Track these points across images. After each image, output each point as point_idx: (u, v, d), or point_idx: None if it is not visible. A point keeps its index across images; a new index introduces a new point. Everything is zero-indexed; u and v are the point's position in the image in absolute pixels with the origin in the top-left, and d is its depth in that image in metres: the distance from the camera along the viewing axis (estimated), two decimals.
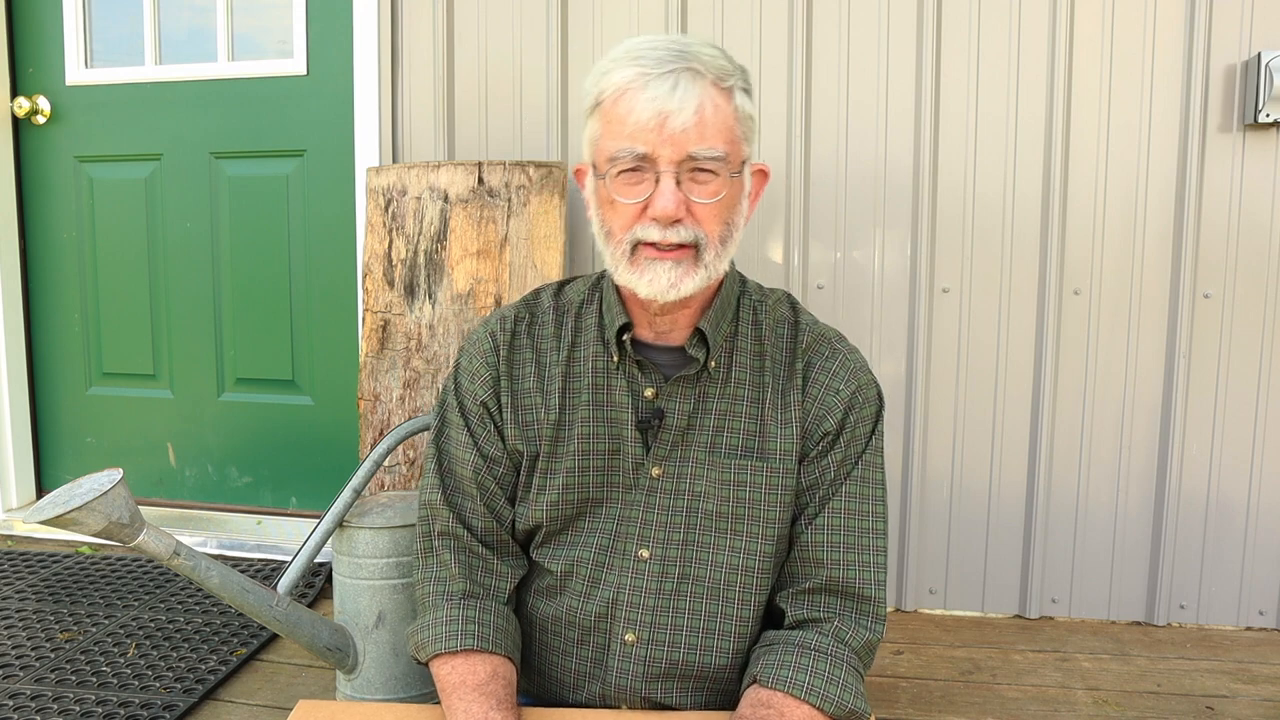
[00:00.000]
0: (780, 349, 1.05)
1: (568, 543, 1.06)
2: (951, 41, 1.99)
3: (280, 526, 2.51)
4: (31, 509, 1.13)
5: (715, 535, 1.03)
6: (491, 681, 0.98)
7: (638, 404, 1.03)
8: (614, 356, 1.03)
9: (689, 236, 0.93)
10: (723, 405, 1.03)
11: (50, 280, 2.66)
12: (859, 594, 1.00)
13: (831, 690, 0.94)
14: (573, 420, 1.04)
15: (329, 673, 1.75)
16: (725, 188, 0.93)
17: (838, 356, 1.05)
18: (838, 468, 1.03)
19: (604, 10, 2.11)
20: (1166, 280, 1.97)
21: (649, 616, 1.03)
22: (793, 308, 1.10)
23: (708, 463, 1.02)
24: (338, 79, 2.35)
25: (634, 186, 0.93)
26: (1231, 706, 1.66)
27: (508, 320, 1.09)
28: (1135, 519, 2.03)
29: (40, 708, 1.57)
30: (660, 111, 0.89)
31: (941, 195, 2.02)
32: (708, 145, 0.91)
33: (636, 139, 0.90)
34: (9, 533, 2.54)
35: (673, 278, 0.94)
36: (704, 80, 0.91)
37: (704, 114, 0.90)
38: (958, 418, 2.06)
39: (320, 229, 2.44)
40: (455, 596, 1.04)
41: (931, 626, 2.03)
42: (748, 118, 0.96)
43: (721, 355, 1.03)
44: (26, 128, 2.60)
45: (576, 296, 1.10)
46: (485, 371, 1.07)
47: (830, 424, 1.03)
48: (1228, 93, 1.91)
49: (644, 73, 0.90)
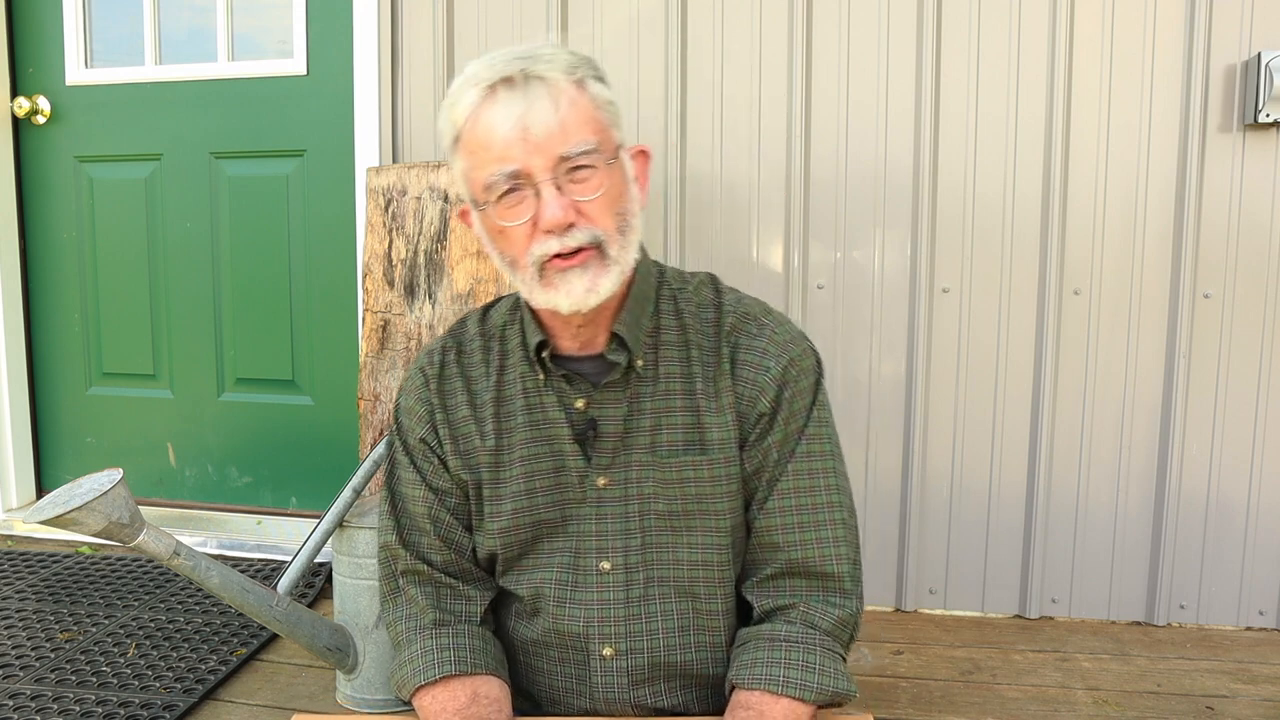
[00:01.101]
0: (705, 335, 1.02)
1: (530, 566, 1.05)
2: (951, 41, 1.99)
3: (280, 526, 2.51)
4: (31, 509, 1.13)
5: (670, 535, 1.01)
6: (473, 704, 0.97)
7: (571, 417, 1.01)
8: (541, 374, 1.02)
9: (588, 237, 0.91)
10: (656, 404, 1.00)
11: (50, 280, 2.66)
12: (820, 572, 0.99)
13: (809, 678, 0.93)
14: (511, 444, 1.03)
15: (329, 673, 1.75)
16: (606, 178, 0.91)
17: (764, 333, 1.01)
18: (779, 448, 1.00)
19: (604, 10, 2.11)
20: (1166, 280, 1.97)
21: (622, 627, 1.02)
22: (715, 289, 1.07)
23: (650, 464, 1.00)
24: (338, 79, 2.35)
25: (517, 207, 0.90)
26: (1231, 706, 1.66)
27: (435, 354, 1.09)
28: (1135, 519, 2.03)
29: (40, 708, 1.57)
30: (517, 122, 0.87)
31: (941, 195, 2.02)
32: (576, 141, 0.88)
33: (505, 159, 0.88)
34: (9, 533, 2.54)
35: (586, 282, 0.91)
36: (552, 79, 0.89)
37: (562, 111, 0.88)
38: (958, 418, 2.06)
39: (320, 229, 2.44)
40: (427, 628, 1.03)
41: (931, 626, 2.03)
42: (608, 103, 0.93)
43: (647, 352, 1.01)
44: (26, 128, 2.60)
45: (500, 319, 1.09)
46: (420, 408, 1.07)
47: (764, 404, 0.99)
48: (1228, 93, 1.91)
49: (489, 90, 0.88)
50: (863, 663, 1.84)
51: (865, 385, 2.08)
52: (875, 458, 2.09)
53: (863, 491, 2.10)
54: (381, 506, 1.09)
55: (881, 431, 2.08)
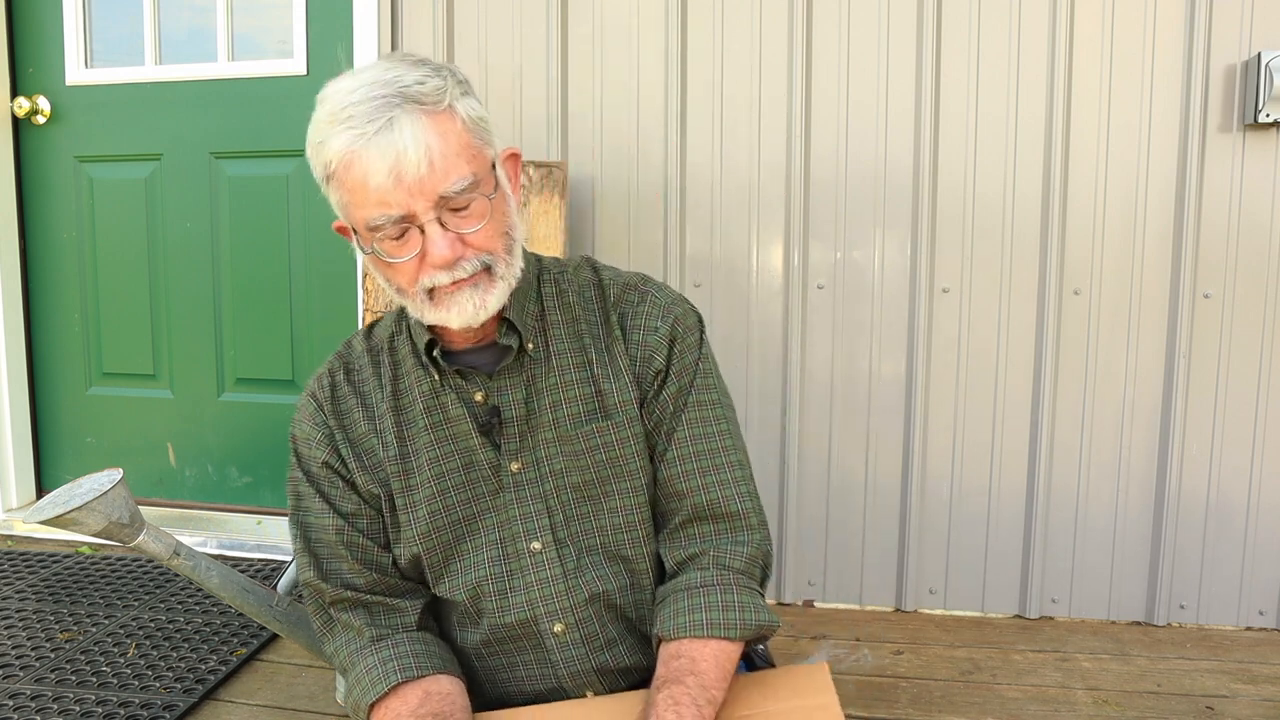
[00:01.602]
0: (591, 311, 1.06)
1: (460, 569, 1.05)
2: (951, 41, 1.99)
3: (280, 526, 2.51)
4: (31, 509, 1.13)
5: (590, 504, 1.04)
6: (425, 703, 0.97)
7: (473, 411, 1.03)
8: (435, 375, 1.03)
9: (476, 265, 0.93)
10: (552, 381, 1.03)
11: (50, 280, 2.66)
12: (725, 512, 1.02)
13: (730, 616, 0.95)
14: (417, 449, 1.04)
15: (329, 673, 1.75)
16: (488, 207, 0.92)
17: (647, 299, 1.06)
18: (675, 400, 1.04)
19: (604, 10, 2.11)
20: (1166, 280, 1.97)
21: (566, 601, 1.04)
22: (594, 269, 1.11)
23: (557, 439, 1.03)
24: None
25: (403, 245, 0.91)
26: (1231, 706, 1.66)
27: (324, 377, 1.09)
28: (1135, 519, 2.03)
29: (40, 708, 1.57)
30: (394, 169, 0.86)
31: (941, 195, 2.02)
32: (455, 179, 0.88)
33: (386, 204, 0.88)
34: (9, 533, 2.54)
35: (476, 301, 0.93)
36: (419, 114, 0.87)
37: (435, 150, 0.87)
38: (958, 418, 2.06)
39: (320, 229, 2.44)
40: (367, 646, 1.03)
41: (931, 626, 2.03)
42: (478, 121, 0.93)
43: (535, 336, 1.04)
44: (26, 128, 2.60)
45: (385, 332, 1.10)
46: (317, 432, 1.06)
47: (659, 362, 1.03)
48: (1228, 93, 1.91)
49: (358, 134, 0.87)
50: (863, 663, 1.84)
51: (865, 385, 2.08)
52: (875, 458, 2.09)
53: (863, 491, 2.10)
54: (295, 545, 1.08)
55: (881, 431, 2.08)
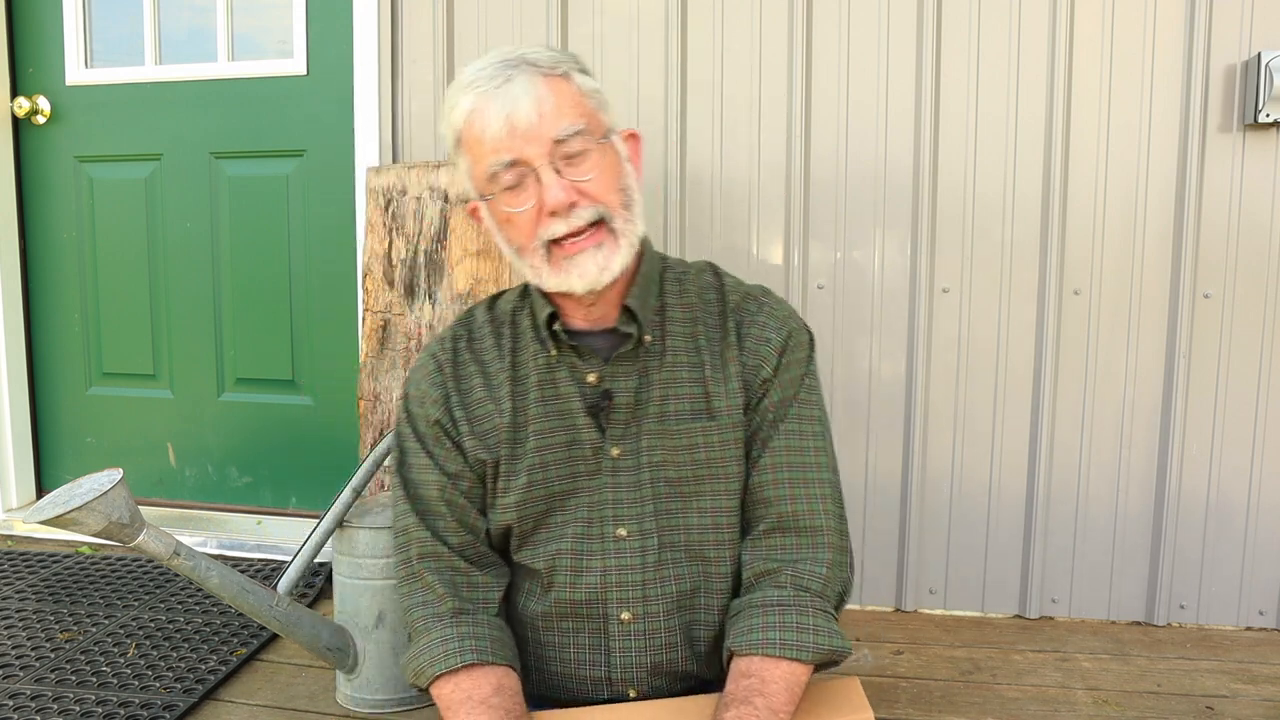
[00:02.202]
0: (710, 313, 1.09)
1: (544, 539, 1.08)
2: (951, 41, 1.99)
3: (280, 526, 2.51)
4: (31, 509, 1.13)
5: (681, 501, 1.06)
6: (496, 695, 0.98)
7: (584, 391, 1.06)
8: (552, 350, 1.06)
9: (592, 214, 0.97)
10: (664, 375, 1.06)
11: (50, 280, 2.66)
12: (809, 526, 1.03)
13: (804, 639, 0.96)
14: (526, 420, 1.07)
15: (329, 673, 1.75)
16: (601, 158, 0.97)
17: (764, 309, 1.09)
18: (775, 409, 1.06)
19: (604, 10, 2.11)
20: (1166, 280, 1.97)
21: (639, 591, 1.05)
22: (716, 274, 1.13)
23: (660, 432, 1.05)
24: (338, 79, 2.35)
25: (520, 194, 0.96)
26: (1231, 706, 1.66)
27: (446, 340, 1.13)
28: (1135, 519, 2.03)
29: (40, 708, 1.57)
30: (508, 117, 0.94)
31: (941, 195, 2.02)
32: (564, 124, 0.95)
33: (501, 150, 0.95)
34: (9, 533, 2.54)
35: (599, 261, 0.97)
36: (536, 74, 0.96)
37: (546, 101, 0.95)
38: (958, 418, 2.06)
39: (320, 229, 2.44)
40: (446, 616, 1.04)
41: (931, 626, 2.03)
42: (594, 91, 1.00)
43: (654, 329, 1.07)
44: (26, 128, 2.60)
45: (508, 305, 1.13)
46: (434, 392, 1.09)
47: (767, 371, 1.06)
48: (1228, 93, 1.91)
49: (481, 92, 0.95)
50: (863, 663, 1.84)
51: (865, 385, 2.08)
52: (875, 458, 2.09)
53: (863, 491, 2.10)
54: (394, 494, 1.11)
55: (881, 431, 2.08)
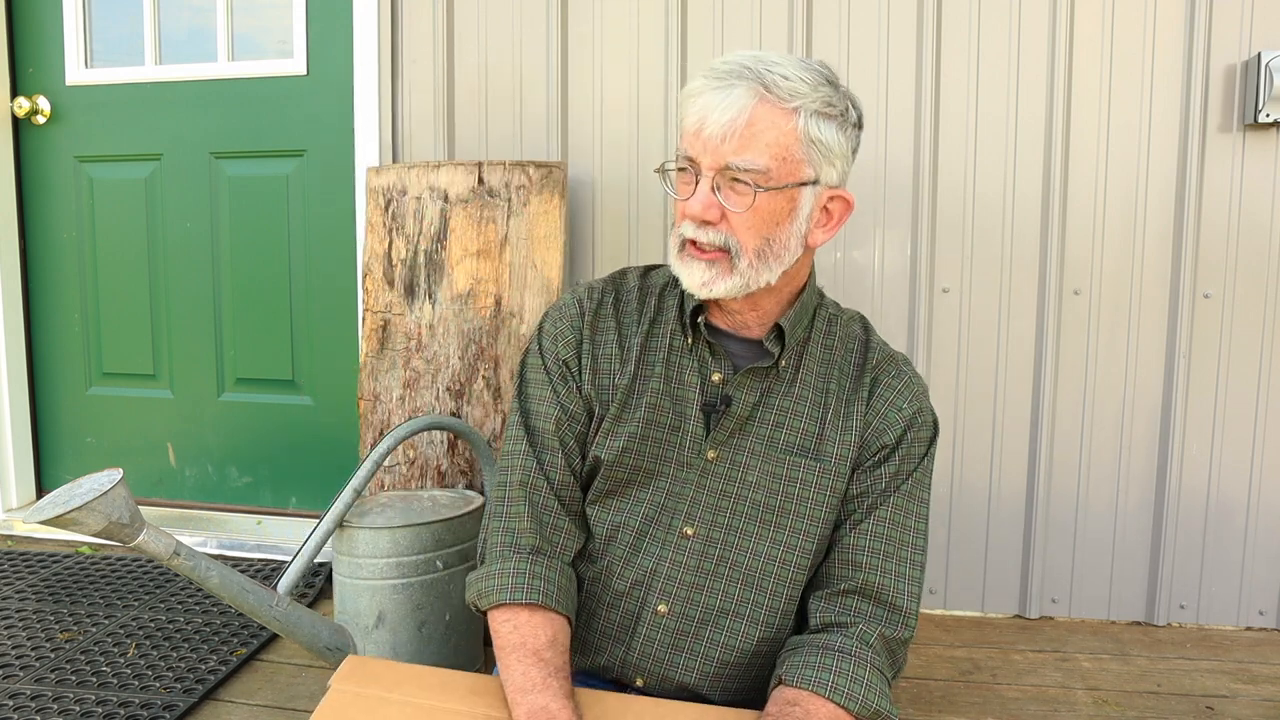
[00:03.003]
0: (849, 362, 1.09)
1: (614, 507, 1.09)
2: (951, 41, 1.99)
3: (280, 526, 2.51)
4: (31, 509, 1.13)
5: (759, 525, 1.05)
6: (551, 648, 0.99)
7: (705, 387, 1.07)
8: (688, 338, 1.07)
9: (719, 240, 0.98)
10: (786, 403, 1.06)
11: (50, 280, 2.66)
12: (891, 602, 1.01)
13: (856, 689, 0.95)
14: (643, 390, 1.08)
15: (329, 673, 1.75)
16: (764, 202, 0.96)
17: (903, 377, 1.09)
18: (890, 480, 1.05)
19: (604, 10, 2.11)
20: (1166, 280, 1.97)
21: (684, 591, 1.06)
22: (865, 328, 1.14)
23: (763, 455, 1.05)
24: (338, 79, 2.35)
25: (685, 186, 0.99)
26: (1231, 706, 1.66)
27: (595, 291, 1.14)
28: (1135, 519, 2.03)
29: (40, 708, 1.57)
30: (702, 120, 0.94)
31: (941, 195, 2.02)
32: (745, 157, 0.93)
33: (686, 143, 0.97)
34: (9, 533, 2.54)
35: (705, 277, 0.99)
36: (758, 95, 0.93)
37: (744, 127, 0.93)
38: (958, 418, 2.06)
39: (320, 229, 2.44)
40: (524, 550, 1.05)
41: (931, 626, 2.03)
42: (818, 142, 0.96)
43: (792, 357, 1.07)
44: (26, 128, 2.60)
45: (661, 279, 1.15)
46: (570, 333, 1.11)
47: (890, 438, 1.05)
48: (1228, 93, 1.91)
49: (706, 83, 0.95)
50: None
51: None
52: None
53: None
54: (510, 419, 1.13)
55: None
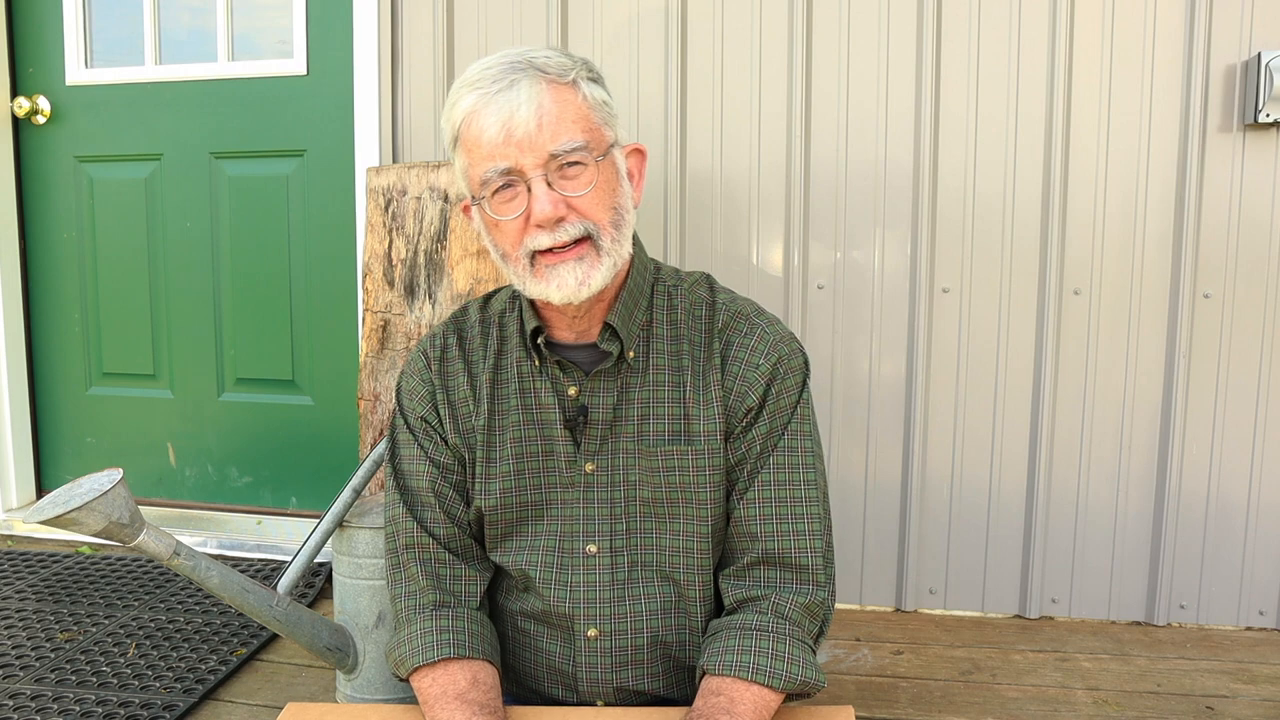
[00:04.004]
0: (698, 331, 1.06)
1: (516, 547, 1.08)
2: (951, 41, 1.99)
3: (280, 526, 2.51)
4: (31, 509, 1.13)
5: (654, 521, 1.05)
6: (472, 689, 0.98)
7: (563, 404, 1.05)
8: (535, 361, 1.05)
9: (579, 230, 0.95)
10: (644, 394, 1.04)
11: (50, 280, 2.66)
12: (795, 563, 1.01)
13: (778, 666, 0.95)
14: (504, 425, 1.06)
15: (329, 673, 1.75)
16: (597, 174, 0.95)
17: (755, 331, 1.05)
18: (763, 440, 1.03)
19: (603, 10, 2.11)
20: (1166, 280, 1.97)
21: (607, 609, 1.05)
22: (710, 288, 1.10)
23: (637, 452, 1.04)
24: (338, 79, 2.35)
25: (510, 203, 0.95)
26: (1231, 706, 1.66)
27: (437, 338, 1.13)
28: (1135, 519, 2.03)
29: (40, 708, 1.57)
30: (506, 123, 0.92)
31: (941, 195, 2.02)
32: (564, 139, 0.93)
33: (496, 156, 0.93)
34: (9, 533, 2.54)
35: (579, 275, 0.95)
36: (541, 81, 0.93)
37: (549, 112, 0.92)
38: (958, 418, 2.06)
39: (320, 229, 2.44)
40: (427, 608, 1.05)
41: (931, 626, 2.03)
42: (601, 104, 0.98)
43: (639, 345, 1.05)
44: (26, 128, 2.60)
45: (500, 306, 1.12)
46: (422, 388, 1.11)
47: (753, 399, 1.03)
48: (1228, 93, 1.91)
49: (483, 94, 0.93)
50: (863, 663, 1.84)
51: (865, 385, 2.08)
52: (875, 458, 2.09)
53: (862, 491, 2.10)
54: (387, 484, 1.12)
55: (881, 431, 2.08)
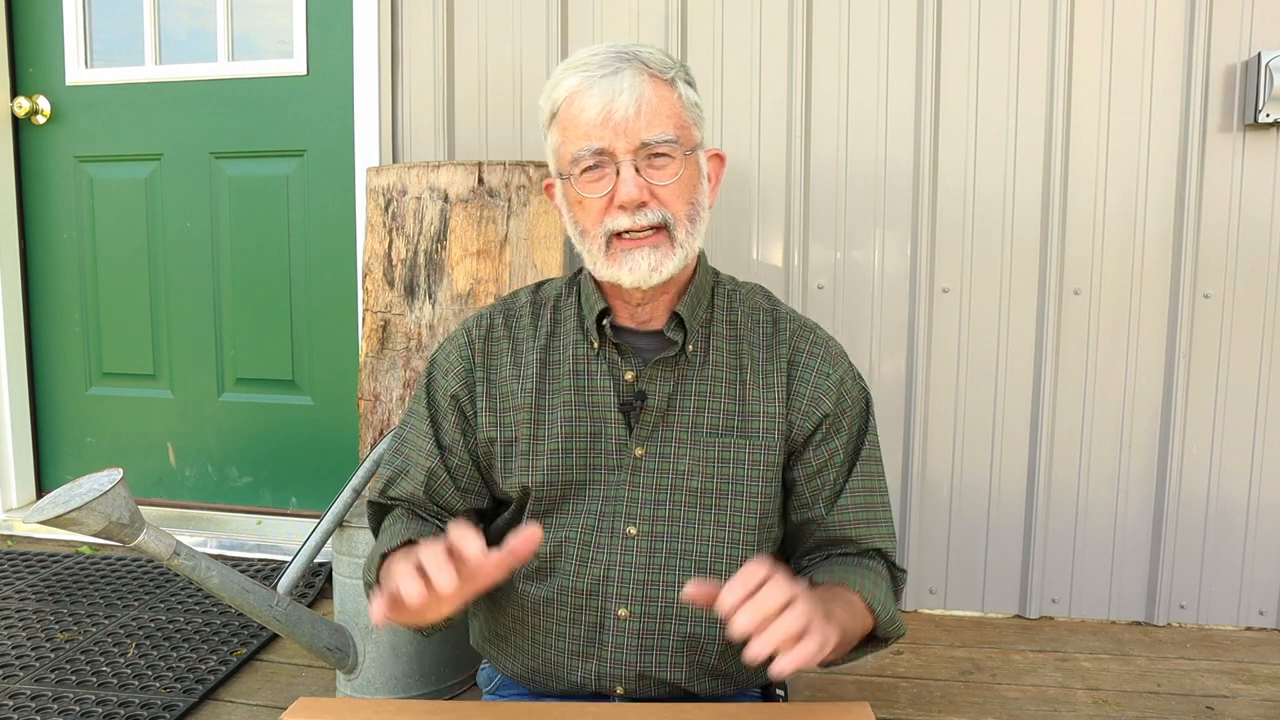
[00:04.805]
0: (758, 334, 1.10)
1: (554, 524, 1.08)
2: (951, 41, 1.99)
3: (280, 526, 2.51)
4: (31, 509, 1.13)
5: (700, 510, 1.06)
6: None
7: (619, 387, 1.07)
8: (594, 343, 1.07)
9: (657, 218, 0.99)
10: (701, 387, 1.07)
11: (50, 280, 2.66)
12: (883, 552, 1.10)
13: (879, 594, 1.00)
14: (553, 405, 1.08)
15: (329, 673, 1.75)
16: (682, 168, 1.00)
17: (822, 343, 1.11)
18: (846, 449, 1.09)
19: (604, 10, 2.11)
20: (1166, 280, 1.97)
21: (640, 591, 1.05)
22: (768, 298, 1.16)
23: (689, 441, 1.06)
24: (338, 79, 2.35)
25: (597, 182, 0.99)
26: (1231, 706, 1.66)
27: (484, 317, 1.14)
28: (1135, 519, 2.03)
29: (40, 708, 1.57)
30: (607, 107, 0.96)
31: (941, 195, 2.02)
32: (658, 130, 0.98)
33: (591, 137, 0.97)
34: (9, 533, 2.54)
35: (652, 261, 0.99)
36: (644, 73, 0.99)
37: (648, 102, 0.98)
38: (958, 418, 2.06)
39: (320, 229, 2.44)
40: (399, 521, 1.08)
41: (931, 626, 2.03)
42: (693, 105, 1.04)
43: (698, 340, 1.08)
44: (26, 128, 2.60)
45: (553, 291, 1.15)
46: (459, 364, 1.11)
47: (827, 406, 1.07)
48: (1228, 93, 1.91)
49: (588, 76, 0.98)
50: (863, 662, 1.84)
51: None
52: None
53: None
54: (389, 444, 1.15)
55: (882, 431, 2.06)
